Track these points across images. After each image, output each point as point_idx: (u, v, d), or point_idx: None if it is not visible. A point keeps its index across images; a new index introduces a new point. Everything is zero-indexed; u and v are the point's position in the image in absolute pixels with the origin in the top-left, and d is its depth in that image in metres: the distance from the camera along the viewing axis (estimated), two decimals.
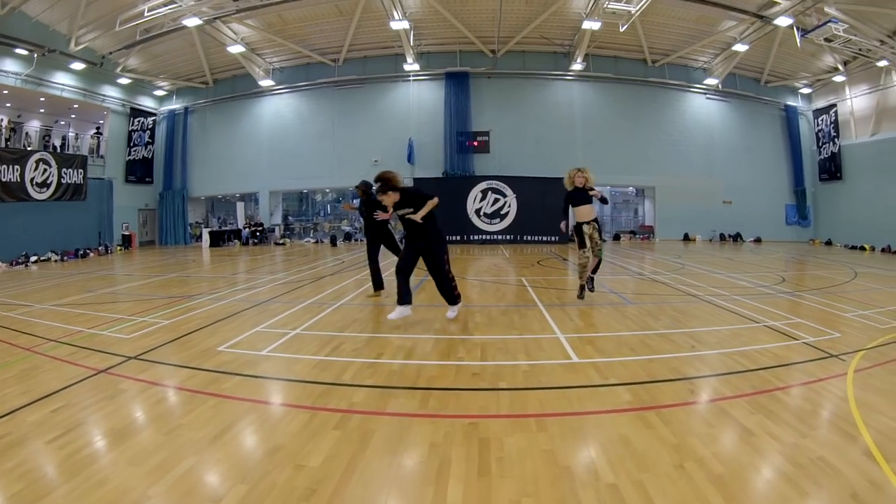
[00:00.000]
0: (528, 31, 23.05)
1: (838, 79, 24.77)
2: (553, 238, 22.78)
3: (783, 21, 19.74)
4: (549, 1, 21.43)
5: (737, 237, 26.05)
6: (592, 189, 7.60)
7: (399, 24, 21.15)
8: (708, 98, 26.57)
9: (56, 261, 21.38)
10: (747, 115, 26.88)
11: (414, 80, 25.08)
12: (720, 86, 25.89)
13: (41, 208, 22.02)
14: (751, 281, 10.64)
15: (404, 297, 6.33)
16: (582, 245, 7.69)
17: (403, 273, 6.32)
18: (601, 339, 5.74)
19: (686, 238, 25.65)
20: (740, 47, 22.82)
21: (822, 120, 26.41)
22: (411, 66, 24.02)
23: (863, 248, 21.99)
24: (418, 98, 25.04)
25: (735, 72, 25.51)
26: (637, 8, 18.86)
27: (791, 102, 27.36)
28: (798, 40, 20.39)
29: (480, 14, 22.49)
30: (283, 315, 7.26)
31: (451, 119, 24.25)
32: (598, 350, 5.32)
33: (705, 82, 25.95)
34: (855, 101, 24.52)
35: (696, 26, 22.89)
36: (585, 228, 7.64)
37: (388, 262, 8.30)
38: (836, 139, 25.51)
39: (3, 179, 20.45)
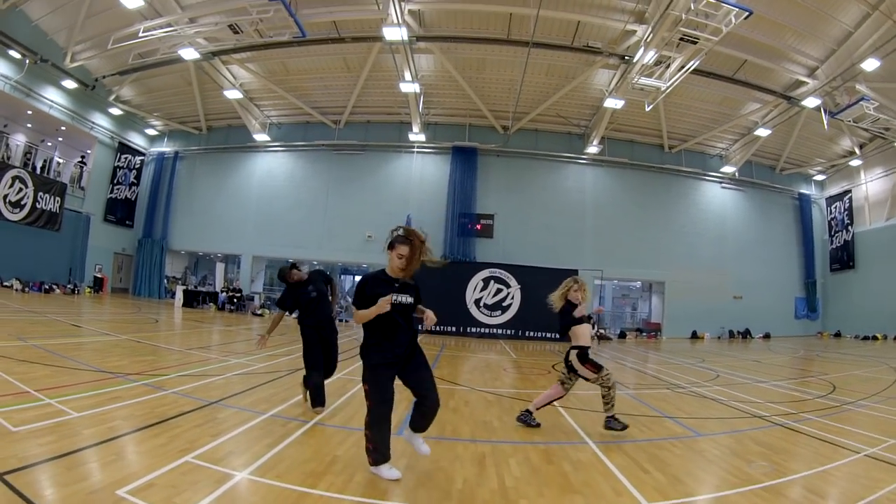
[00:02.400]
0: (544, 108, 20.74)
1: (854, 163, 23.43)
2: (556, 336, 20.22)
3: (811, 102, 18.46)
4: (570, 75, 19.28)
5: (745, 334, 23.86)
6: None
7: (409, 87, 18.91)
8: (723, 187, 24.42)
9: (17, 290, 19.46)
10: (760, 204, 24.90)
11: (418, 151, 22.50)
12: (737, 174, 23.90)
13: (12, 230, 20.08)
14: (802, 390, 9.37)
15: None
16: (598, 366, 5.82)
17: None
18: None
19: (694, 336, 23.26)
20: (763, 132, 21.13)
21: (836, 207, 24.93)
22: (417, 135, 21.51)
23: (875, 338, 20.85)
24: (421, 171, 22.42)
25: (751, 159, 23.67)
26: (668, 84, 16.62)
27: (804, 190, 25.63)
28: (825, 122, 19.13)
29: (496, 84, 20.22)
30: (232, 434, 4.91)
31: (454, 198, 21.61)
32: None
33: (722, 170, 23.88)
34: (870, 185, 23.35)
35: (719, 109, 21.14)
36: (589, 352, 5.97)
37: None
38: (849, 227, 24.12)
39: None
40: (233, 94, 21.00)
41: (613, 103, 18.85)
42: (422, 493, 3.80)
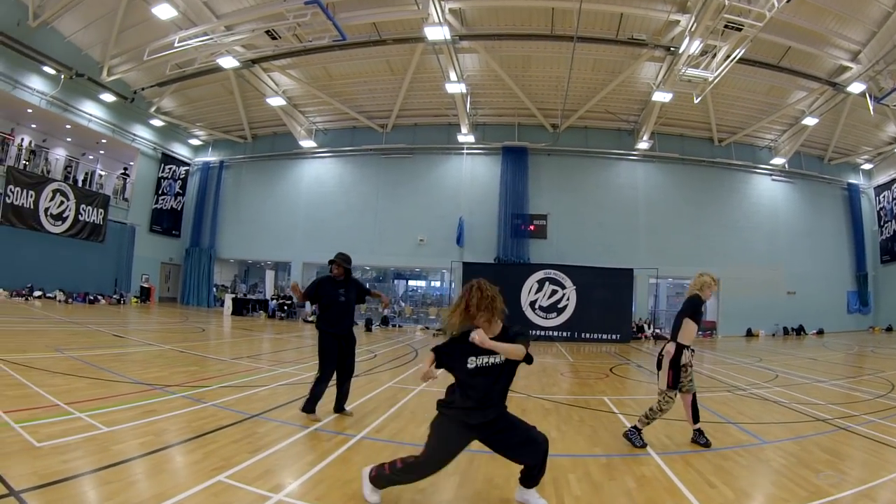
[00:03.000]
0: (592, 104, 20.01)
1: None
2: (614, 336, 19.61)
3: (856, 87, 17.74)
4: (617, 69, 18.58)
5: (799, 330, 22.95)
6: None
7: (455, 87, 18.35)
8: (774, 180, 23.50)
9: (61, 301, 19.42)
10: (810, 196, 23.97)
11: (468, 152, 21.90)
12: (786, 165, 23.05)
13: (55, 242, 20.15)
14: (861, 389, 8.84)
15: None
16: (676, 383, 5.24)
17: None
18: None
19: (749, 334, 22.46)
20: (810, 121, 20.34)
21: (884, 196, 23.87)
22: (465, 137, 20.94)
23: None
24: (471, 173, 21.79)
25: (800, 150, 22.80)
26: (715, 74, 15.98)
27: (853, 180, 24.62)
28: (871, 107, 18.28)
29: (542, 82, 19.59)
30: (271, 450, 4.47)
31: (506, 199, 20.93)
32: None
33: (771, 162, 23.00)
34: None
35: (766, 99, 20.35)
36: (686, 356, 5.29)
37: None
38: None
39: (16, 203, 18.63)
40: (276, 102, 20.64)
41: (661, 96, 18.20)
42: None
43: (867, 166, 24.70)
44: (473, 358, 3.23)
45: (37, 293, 19.17)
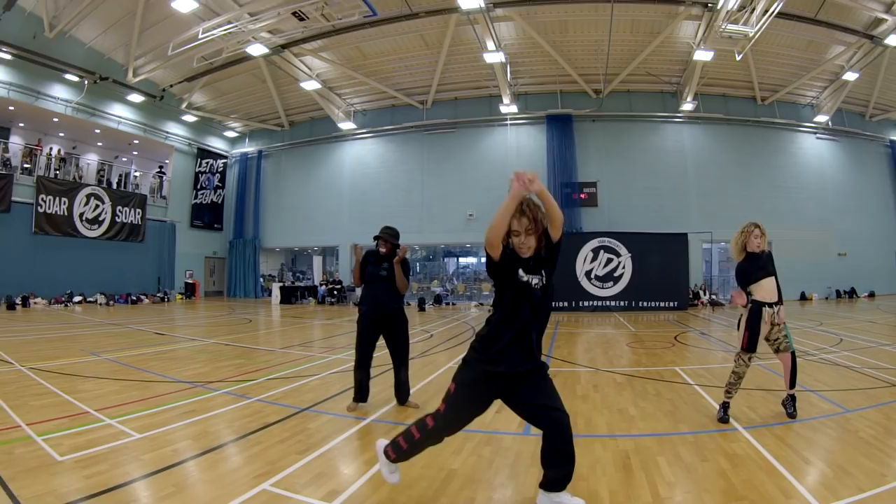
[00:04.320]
0: (633, 67, 19.14)
1: None
2: (672, 304, 18.80)
3: (893, 40, 16.97)
4: (655, 29, 17.78)
5: (851, 293, 22.06)
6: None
7: (494, 57, 17.47)
8: (818, 138, 22.49)
9: (102, 304, 19.04)
10: (854, 154, 22.96)
11: (511, 123, 21.03)
12: (829, 122, 22.07)
13: (92, 246, 19.89)
14: None
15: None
16: (752, 345, 4.84)
17: None
18: None
19: (803, 297, 21.57)
20: (850, 76, 19.49)
21: None
22: (508, 107, 20.09)
23: None
24: (517, 144, 20.92)
25: (841, 107, 21.82)
26: (755, 29, 15.31)
27: (895, 137, 23.45)
28: None
29: (581, 47, 18.75)
30: (323, 449, 3.92)
31: (554, 168, 20.07)
32: None
33: (815, 120, 22.01)
34: None
35: (805, 55, 19.50)
36: (766, 314, 4.78)
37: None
38: None
39: (49, 211, 18.50)
40: (310, 86, 19.99)
41: (703, 55, 17.39)
42: None
43: None
44: (523, 273, 2.70)
45: (77, 298, 18.78)
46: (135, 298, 20.22)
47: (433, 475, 3.43)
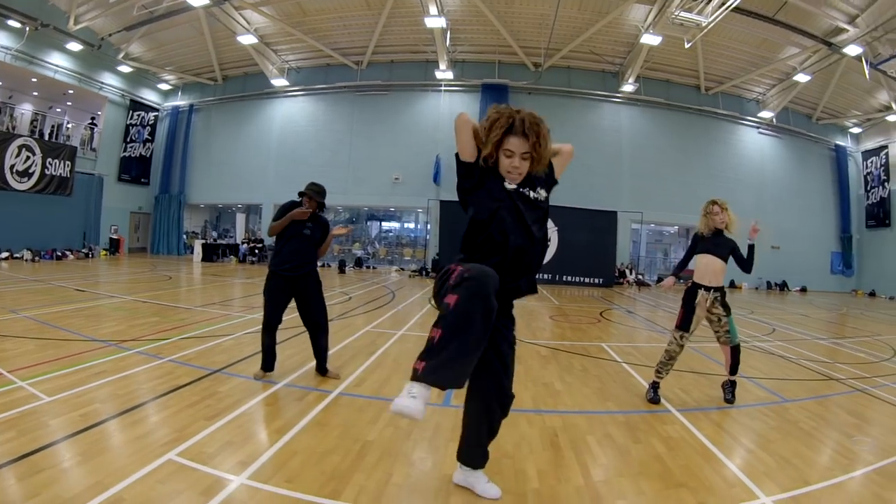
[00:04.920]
0: (576, 44, 19.02)
1: (891, 118, 21.59)
2: (597, 280, 18.74)
3: (852, 50, 16.93)
4: (604, 9, 17.59)
5: (783, 286, 22.48)
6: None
7: (435, 22, 17.16)
8: (760, 133, 22.78)
9: (28, 260, 18.09)
10: (798, 153, 23.29)
11: (445, 90, 20.78)
12: (774, 120, 22.31)
13: (21, 200, 18.89)
14: (864, 351, 8.33)
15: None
16: (685, 324, 4.73)
17: None
18: (823, 499, 2.99)
19: (732, 285, 21.72)
20: (802, 77, 19.45)
21: (872, 162, 23.28)
22: (444, 73, 19.82)
23: None
24: (449, 110, 20.55)
25: (788, 106, 22.08)
26: (710, 19, 15.31)
27: (840, 142, 23.93)
28: (867, 72, 17.62)
29: (526, 19, 18.53)
30: (233, 414, 3.72)
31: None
32: None
33: (759, 115, 22.24)
34: None
35: (758, 52, 19.42)
36: (701, 297, 4.69)
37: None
38: (885, 183, 22.48)
39: None
40: (247, 40, 19.42)
41: (650, 39, 17.28)
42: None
43: (855, 130, 24.08)
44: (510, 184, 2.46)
45: (3, 254, 17.93)
46: (60, 254, 19.44)
47: (348, 447, 3.26)
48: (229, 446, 3.13)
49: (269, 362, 4.67)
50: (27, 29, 17.33)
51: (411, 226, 23.46)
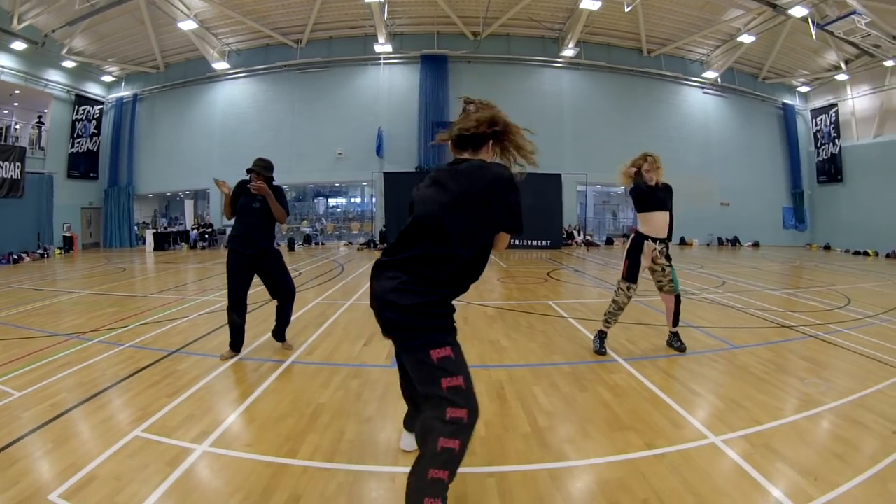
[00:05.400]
0: (515, 12, 19.34)
1: (840, 77, 22.24)
2: (545, 243, 19.20)
3: (799, 11, 17.07)
4: None
5: (735, 241, 23.14)
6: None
7: None
8: (705, 93, 23.35)
9: None
10: (744, 112, 23.88)
11: (385, 63, 21.02)
12: (719, 80, 22.84)
13: None
14: (817, 300, 8.40)
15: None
16: (631, 275, 4.86)
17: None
18: (775, 438, 3.08)
19: (682, 242, 22.32)
20: (746, 38, 19.86)
21: (821, 120, 23.89)
22: (383, 47, 20.01)
23: (866, 254, 19.95)
24: (389, 84, 20.95)
25: (734, 66, 22.62)
26: None
27: (788, 101, 24.56)
28: (813, 33, 18.00)
29: None
30: (192, 390, 3.96)
31: (426, 108, 20.23)
32: (795, 466, 2.70)
33: (703, 76, 22.76)
34: (857, 101, 22.19)
35: (700, 14, 19.81)
36: (647, 248, 4.86)
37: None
38: (836, 140, 23.11)
39: None
40: (187, 25, 19.43)
41: (589, 4, 17.52)
42: None
43: (804, 89, 24.71)
44: None
45: None
46: (16, 258, 19.38)
47: (301, 410, 3.46)
48: (191, 419, 3.34)
49: (237, 342, 4.80)
50: None
51: (358, 200, 23.75)
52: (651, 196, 4.86)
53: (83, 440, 3.08)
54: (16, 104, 22.45)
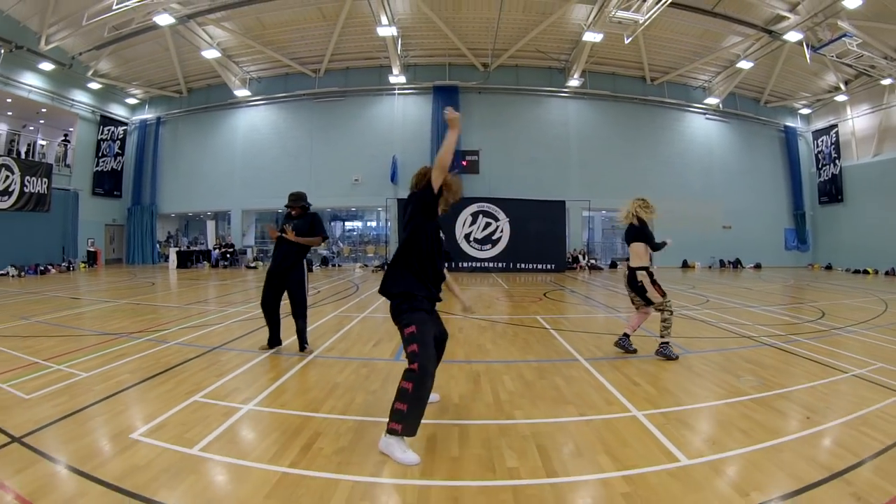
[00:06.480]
0: (522, 44, 21.13)
1: (840, 98, 23.59)
2: (549, 266, 20.77)
3: (793, 36, 18.54)
4: (547, 10, 19.58)
5: (736, 263, 24.43)
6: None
7: (386, 31, 19.19)
8: (707, 118, 24.91)
9: (14, 276, 19.60)
10: (746, 136, 25.38)
11: (399, 93, 22.94)
12: (720, 105, 24.36)
13: (2, 218, 20.34)
14: (792, 315, 9.50)
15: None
16: (663, 292, 5.97)
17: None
18: (691, 415, 4.03)
19: (685, 265, 23.74)
20: (745, 64, 21.36)
21: (822, 141, 25.24)
22: (397, 78, 21.92)
23: (866, 272, 21.09)
24: (403, 113, 22.84)
25: (735, 91, 24.13)
26: (646, 17, 17.03)
27: (790, 123, 26.03)
28: (808, 56, 19.31)
29: (473, 23, 20.58)
30: (235, 373, 5.16)
31: (438, 136, 21.82)
32: (699, 434, 3.62)
33: (705, 102, 24.31)
34: (856, 120, 23.51)
35: (700, 42, 21.37)
36: (642, 275, 5.98)
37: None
38: (836, 160, 24.40)
39: None
40: (211, 54, 21.35)
41: (592, 37, 19.11)
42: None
43: (805, 111, 25.99)
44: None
45: None
46: (43, 269, 20.86)
47: (321, 386, 4.69)
48: (237, 391, 4.47)
49: (271, 339, 6.08)
50: (2, 52, 18.67)
51: (373, 224, 25.50)
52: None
53: (149, 404, 4.10)
54: (42, 122, 24.26)
